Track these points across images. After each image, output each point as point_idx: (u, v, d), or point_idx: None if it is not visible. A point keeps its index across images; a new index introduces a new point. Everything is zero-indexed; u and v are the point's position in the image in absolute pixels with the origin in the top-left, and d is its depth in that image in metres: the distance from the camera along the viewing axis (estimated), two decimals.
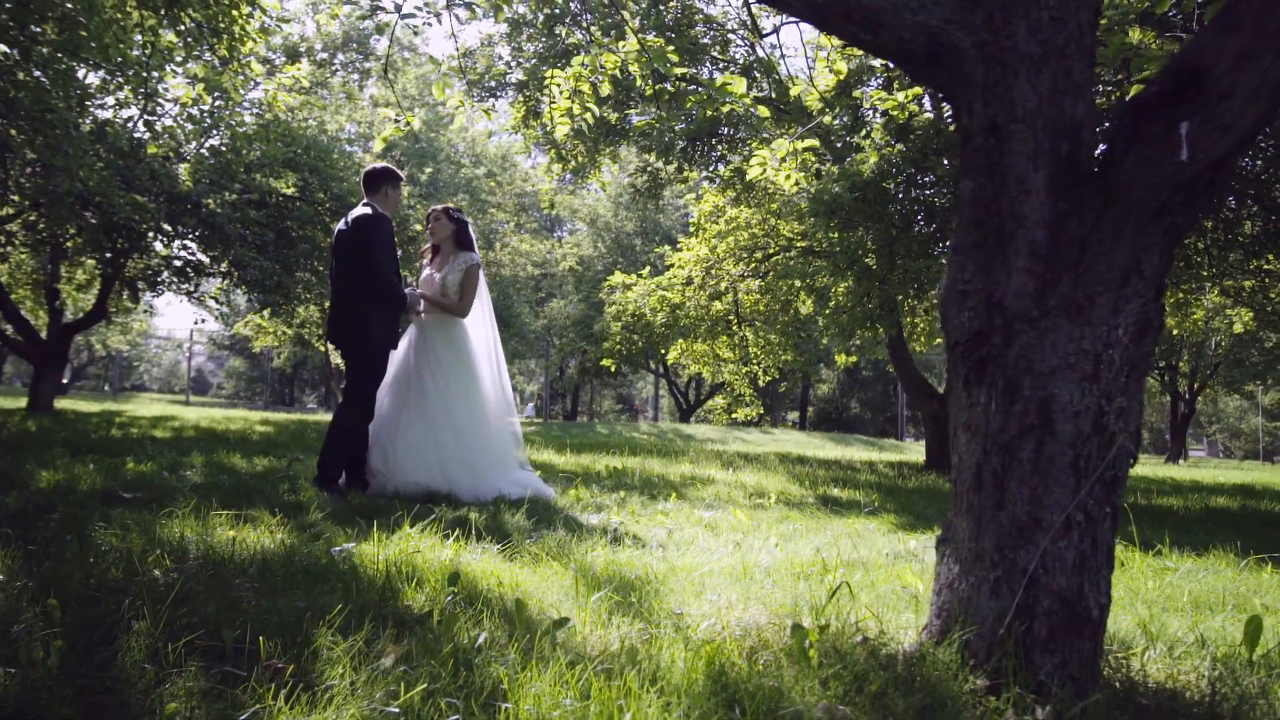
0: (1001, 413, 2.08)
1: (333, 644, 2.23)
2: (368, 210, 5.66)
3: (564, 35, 14.02)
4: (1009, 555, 2.05)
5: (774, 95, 11.51)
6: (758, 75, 12.53)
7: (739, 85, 4.80)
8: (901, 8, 2.34)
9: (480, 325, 6.43)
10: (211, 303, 15.01)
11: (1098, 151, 2.24)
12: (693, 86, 11.80)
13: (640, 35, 5.50)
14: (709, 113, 4.84)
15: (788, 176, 5.15)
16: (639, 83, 5.50)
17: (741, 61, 13.90)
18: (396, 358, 6.25)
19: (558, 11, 14.04)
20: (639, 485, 7.22)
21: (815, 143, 5.05)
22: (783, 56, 13.95)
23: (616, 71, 5.52)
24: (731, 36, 14.02)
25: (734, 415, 18.84)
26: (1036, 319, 2.06)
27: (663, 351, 16.28)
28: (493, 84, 14.84)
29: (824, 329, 10.70)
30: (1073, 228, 2.06)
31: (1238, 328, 12.31)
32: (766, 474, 9.22)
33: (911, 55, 2.36)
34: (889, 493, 8.50)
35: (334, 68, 17.42)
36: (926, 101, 8.62)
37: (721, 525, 5.37)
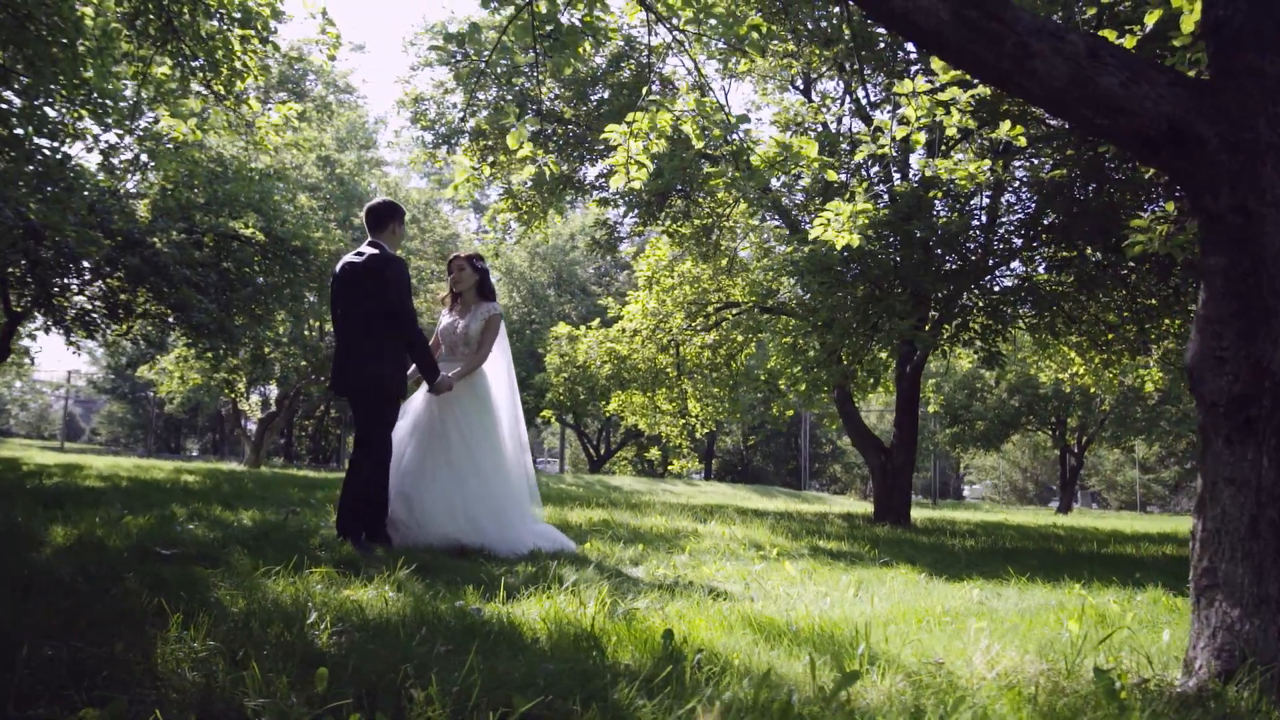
0: (1275, 468, 2.28)
1: (639, 707, 2.16)
2: (376, 250, 5.42)
3: (518, 85, 14.11)
4: None
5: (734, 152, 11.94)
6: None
7: (811, 148, 5.01)
8: (1143, 97, 2.56)
9: (501, 374, 6.35)
10: (138, 343, 14.09)
11: None
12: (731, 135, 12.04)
13: (698, 97, 5.67)
14: (776, 173, 5.02)
15: (841, 237, 5.37)
16: (694, 139, 5.66)
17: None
18: (418, 407, 6.07)
19: (514, 63, 14.15)
20: (631, 537, 7.13)
21: (870, 206, 5.31)
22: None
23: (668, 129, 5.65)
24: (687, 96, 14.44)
25: (670, 466, 18.97)
26: None
27: (603, 403, 16.27)
28: (444, 130, 14.78)
29: (794, 384, 11.00)
30: None
31: (1149, 387, 13.38)
32: (741, 527, 9.28)
33: (1149, 140, 2.58)
34: (873, 544, 8.71)
35: (268, 107, 16.94)
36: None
37: (773, 576, 5.41)
